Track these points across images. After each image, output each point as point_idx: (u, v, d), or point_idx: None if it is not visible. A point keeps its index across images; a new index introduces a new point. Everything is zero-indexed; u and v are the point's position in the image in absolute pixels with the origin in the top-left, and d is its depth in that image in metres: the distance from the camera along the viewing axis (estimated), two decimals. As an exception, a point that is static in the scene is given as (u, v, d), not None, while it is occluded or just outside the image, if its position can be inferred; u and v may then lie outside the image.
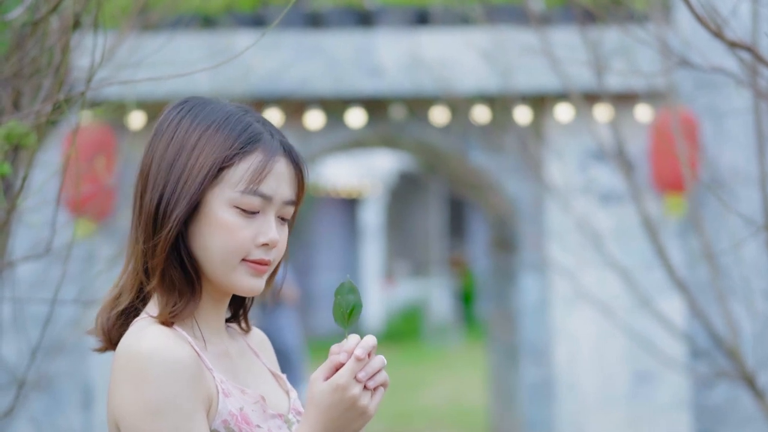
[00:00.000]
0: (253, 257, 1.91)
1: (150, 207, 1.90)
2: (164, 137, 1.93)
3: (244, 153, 1.90)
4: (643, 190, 6.94)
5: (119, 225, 7.03)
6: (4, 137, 2.62)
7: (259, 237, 1.91)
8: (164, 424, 1.78)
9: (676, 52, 3.71)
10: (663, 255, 4.90)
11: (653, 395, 7.31)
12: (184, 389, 1.79)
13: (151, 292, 1.92)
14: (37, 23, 3.00)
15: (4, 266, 2.91)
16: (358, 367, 1.81)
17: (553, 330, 7.41)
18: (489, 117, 7.50)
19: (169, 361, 1.79)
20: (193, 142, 1.91)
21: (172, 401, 1.78)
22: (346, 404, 1.81)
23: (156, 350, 1.80)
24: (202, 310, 1.95)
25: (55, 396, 7.21)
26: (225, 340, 1.99)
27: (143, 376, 1.79)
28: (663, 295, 6.87)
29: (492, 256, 9.20)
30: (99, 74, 3.12)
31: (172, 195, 1.89)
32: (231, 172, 1.89)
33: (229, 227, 1.89)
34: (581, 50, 5.02)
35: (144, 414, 1.78)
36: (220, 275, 1.91)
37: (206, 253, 1.90)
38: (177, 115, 1.94)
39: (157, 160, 1.92)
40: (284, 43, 7.19)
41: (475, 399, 12.19)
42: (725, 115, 7.31)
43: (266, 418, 1.91)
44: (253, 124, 1.93)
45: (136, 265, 1.93)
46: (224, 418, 1.85)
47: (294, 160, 1.95)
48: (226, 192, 1.89)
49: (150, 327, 1.86)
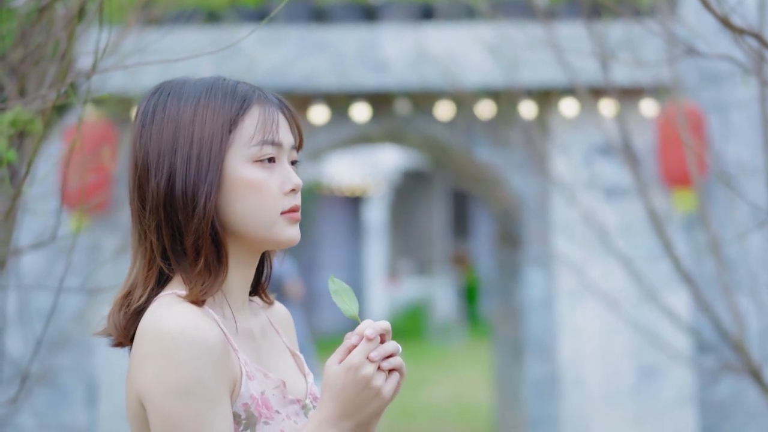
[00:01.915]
0: (287, 207, 1.91)
1: (159, 192, 1.87)
2: (154, 124, 1.90)
3: (244, 111, 1.90)
4: (650, 184, 6.92)
5: (120, 217, 7.03)
6: (10, 123, 2.61)
7: (284, 185, 1.91)
8: (189, 406, 1.76)
9: (683, 41, 3.69)
10: (669, 248, 4.89)
11: (658, 391, 7.29)
12: (211, 372, 1.77)
13: (174, 274, 1.90)
14: (43, 11, 3.00)
15: (9, 254, 2.90)
16: (370, 347, 1.80)
17: (557, 325, 7.39)
18: (494, 111, 7.49)
19: (198, 343, 1.77)
20: (189, 117, 1.89)
21: (198, 384, 1.76)
22: (360, 385, 1.79)
23: (185, 330, 1.78)
24: (230, 286, 1.93)
25: (60, 390, 7.21)
26: (249, 317, 1.97)
27: (171, 356, 1.76)
28: (669, 289, 6.86)
29: (497, 251, 9.19)
30: (102, 66, 3.11)
31: (189, 172, 1.87)
32: (239, 132, 1.89)
33: (257, 183, 1.89)
34: (587, 44, 5.01)
35: (169, 394, 1.76)
36: (262, 233, 1.90)
37: (243, 217, 1.89)
38: (159, 100, 1.93)
39: (154, 146, 1.89)
40: (289, 37, 7.19)
41: (479, 396, 12.19)
42: (730, 108, 7.29)
43: (285, 403, 1.90)
44: (237, 84, 1.94)
45: (149, 256, 1.90)
46: (245, 401, 1.83)
47: (285, 107, 1.96)
48: (242, 151, 1.89)
49: (179, 304, 1.83)
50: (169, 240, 1.89)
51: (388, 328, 1.83)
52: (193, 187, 1.87)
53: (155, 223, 1.88)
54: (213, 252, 1.88)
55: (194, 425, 1.76)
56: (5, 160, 2.63)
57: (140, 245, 1.91)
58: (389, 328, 1.83)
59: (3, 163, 2.62)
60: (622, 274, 6.81)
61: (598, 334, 7.34)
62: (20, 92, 3.03)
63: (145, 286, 1.90)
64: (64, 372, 7.15)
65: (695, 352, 7.24)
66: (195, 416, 1.76)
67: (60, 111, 4.55)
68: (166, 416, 1.77)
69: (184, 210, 1.87)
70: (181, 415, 1.76)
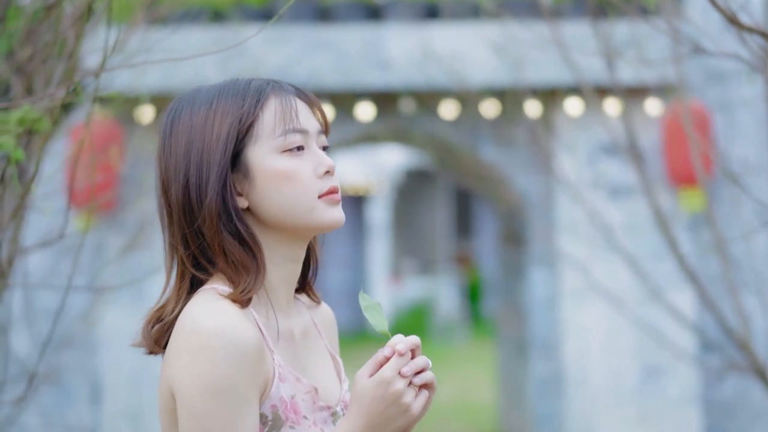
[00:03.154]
0: (325, 189, 1.89)
1: (178, 198, 1.88)
2: (172, 136, 1.91)
3: (261, 104, 1.89)
4: (655, 183, 6.92)
5: (125, 217, 7.03)
6: (18, 121, 2.61)
7: (318, 168, 1.89)
8: (218, 406, 1.76)
9: (689, 39, 3.69)
10: (674, 247, 4.89)
11: (663, 390, 7.29)
12: (244, 373, 1.77)
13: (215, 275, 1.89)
14: (50, 9, 3.00)
15: (17, 252, 2.90)
16: (401, 362, 1.80)
17: (562, 324, 7.39)
18: (499, 110, 7.49)
19: (234, 344, 1.76)
20: (201, 122, 1.89)
21: (231, 384, 1.76)
22: (390, 399, 1.79)
23: (223, 329, 1.77)
24: (272, 283, 1.92)
25: (64, 389, 7.21)
26: (292, 316, 1.96)
27: (206, 354, 1.76)
28: (674, 288, 6.86)
29: (501, 250, 9.19)
30: (109, 64, 3.10)
31: (198, 172, 1.87)
32: (259, 125, 1.88)
33: (289, 172, 1.88)
34: (592, 43, 5.01)
35: (201, 391, 1.76)
36: (304, 221, 1.89)
37: (282, 208, 1.88)
38: (176, 113, 1.93)
39: (172, 159, 1.90)
40: (293, 37, 7.18)
41: (482, 396, 12.19)
42: (735, 108, 7.29)
43: (314, 410, 1.88)
44: (251, 82, 1.93)
45: (180, 269, 1.90)
46: (274, 403, 1.83)
47: (304, 94, 1.95)
48: (267, 143, 1.88)
49: (219, 301, 1.82)
50: (198, 248, 1.89)
51: (418, 343, 1.82)
52: (203, 183, 1.87)
53: (181, 234, 1.89)
54: (244, 252, 1.88)
55: (221, 425, 1.76)
56: (14, 158, 2.63)
57: (172, 259, 1.92)
58: (419, 343, 1.83)
59: (12, 161, 2.62)
60: (627, 273, 6.80)
61: (602, 333, 7.33)
62: (27, 91, 3.02)
63: (178, 298, 1.89)
64: (69, 371, 7.15)
65: (700, 351, 7.23)
66: (222, 416, 1.76)
67: (66, 110, 4.55)
68: (194, 412, 1.77)
69: (200, 213, 1.87)
70: (209, 414, 1.76)
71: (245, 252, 1.87)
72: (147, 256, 6.90)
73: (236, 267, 1.87)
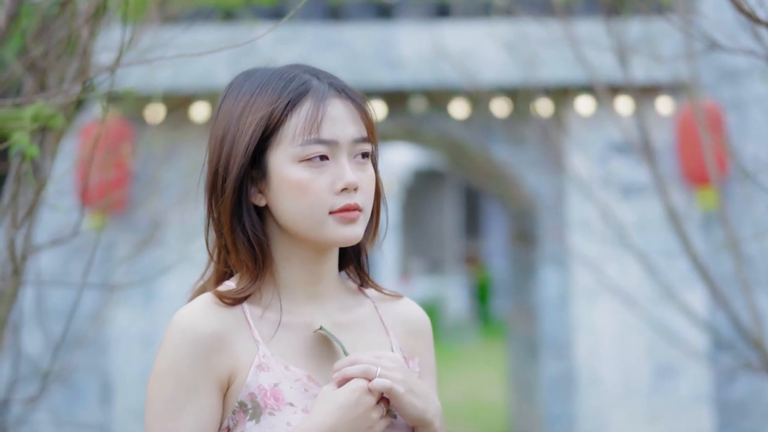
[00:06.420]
0: (338, 206, 1.87)
1: (207, 184, 1.92)
2: (216, 120, 1.93)
3: (293, 105, 1.87)
4: (668, 181, 6.90)
5: (137, 215, 7.02)
6: (32, 118, 2.60)
7: (336, 184, 1.86)
8: (162, 388, 1.83)
9: (703, 35, 3.67)
10: (687, 245, 4.86)
11: (675, 389, 7.27)
12: (188, 360, 1.83)
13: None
14: (64, 6, 2.99)
15: (30, 250, 2.90)
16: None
17: (573, 323, 7.37)
18: (511, 109, 7.47)
19: (183, 332, 1.83)
20: (239, 111, 1.89)
21: (173, 369, 1.83)
22: (361, 408, 1.83)
23: (180, 321, 1.85)
24: (285, 281, 1.93)
25: (75, 388, 7.21)
26: (316, 309, 1.95)
27: (163, 343, 1.85)
28: (686, 287, 6.84)
29: (512, 249, 9.17)
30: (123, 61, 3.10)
31: (225, 163, 1.88)
32: (285, 130, 1.87)
33: (301, 184, 1.86)
34: (605, 42, 4.99)
35: (153, 376, 1.85)
36: (313, 234, 1.88)
37: (292, 216, 1.88)
38: (227, 94, 1.94)
39: (212, 143, 1.92)
40: (304, 35, 7.17)
41: (492, 396, 12.17)
42: (748, 106, 7.27)
43: (306, 397, 1.88)
44: (299, 75, 1.90)
45: (220, 254, 1.95)
46: (251, 391, 1.85)
47: (350, 97, 1.91)
48: (288, 150, 1.86)
49: (199, 299, 1.90)
50: (220, 238, 1.93)
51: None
52: (226, 177, 1.89)
53: (212, 220, 1.93)
54: (249, 254, 1.90)
55: (163, 407, 1.83)
56: (28, 155, 2.62)
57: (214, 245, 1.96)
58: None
59: (27, 158, 2.62)
60: (639, 271, 6.78)
61: (614, 332, 7.31)
62: (40, 87, 3.02)
63: (213, 281, 1.96)
64: (80, 370, 7.15)
65: (713, 350, 7.21)
66: (164, 399, 1.83)
67: (78, 107, 4.55)
68: (147, 395, 1.86)
69: (217, 206, 1.90)
70: (154, 396, 1.84)
71: (250, 254, 1.90)
72: (157, 256, 6.90)
73: (241, 266, 1.90)
